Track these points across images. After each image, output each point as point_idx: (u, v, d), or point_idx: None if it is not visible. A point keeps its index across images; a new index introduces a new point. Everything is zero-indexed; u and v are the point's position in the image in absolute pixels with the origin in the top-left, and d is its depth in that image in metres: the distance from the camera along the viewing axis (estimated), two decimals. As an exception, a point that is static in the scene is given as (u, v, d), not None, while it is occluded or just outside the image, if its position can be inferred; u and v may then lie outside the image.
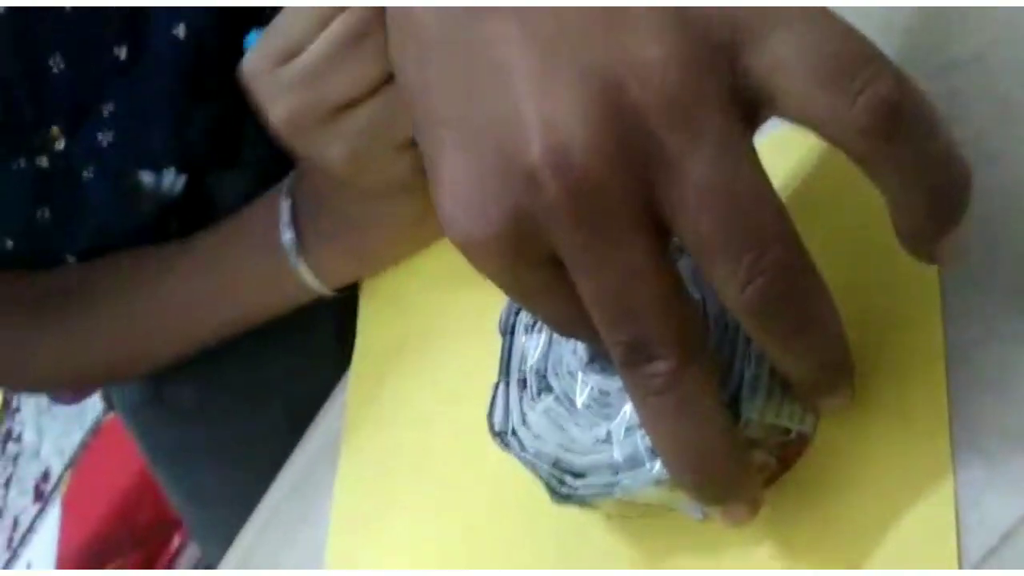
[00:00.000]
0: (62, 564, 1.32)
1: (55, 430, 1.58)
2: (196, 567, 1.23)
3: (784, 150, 0.32)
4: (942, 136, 0.23)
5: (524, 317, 0.33)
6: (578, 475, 0.30)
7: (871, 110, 0.22)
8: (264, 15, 0.56)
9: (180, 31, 0.51)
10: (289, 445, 0.50)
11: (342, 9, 0.38)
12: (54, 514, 1.41)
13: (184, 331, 0.54)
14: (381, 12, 0.36)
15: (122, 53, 0.50)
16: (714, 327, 0.28)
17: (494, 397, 0.33)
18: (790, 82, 0.22)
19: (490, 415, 0.32)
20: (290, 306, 0.50)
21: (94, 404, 1.49)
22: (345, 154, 0.39)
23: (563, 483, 0.30)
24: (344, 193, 0.44)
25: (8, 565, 1.43)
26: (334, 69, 0.37)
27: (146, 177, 0.54)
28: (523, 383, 0.32)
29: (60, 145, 0.51)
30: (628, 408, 0.29)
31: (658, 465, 0.28)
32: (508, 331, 0.33)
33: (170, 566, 1.24)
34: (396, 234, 0.46)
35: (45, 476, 1.54)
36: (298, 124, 0.39)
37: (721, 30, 0.22)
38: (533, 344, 0.32)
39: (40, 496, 1.50)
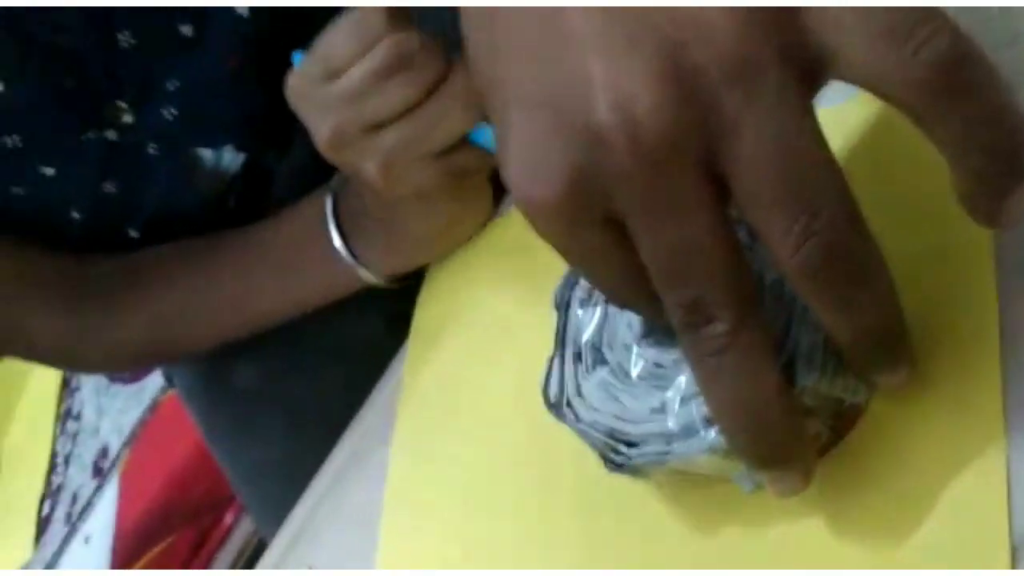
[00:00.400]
0: (119, 537, 1.35)
1: (114, 408, 1.61)
2: (249, 542, 1.26)
3: (837, 124, 0.32)
4: (1003, 93, 0.22)
5: (579, 292, 0.34)
6: (632, 444, 0.30)
7: (931, 64, 0.22)
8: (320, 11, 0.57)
9: (243, 10, 0.52)
10: (345, 422, 0.51)
11: (384, 33, 0.40)
12: (112, 489, 1.45)
13: (249, 314, 0.56)
14: (421, 43, 0.40)
15: (187, 30, 0.52)
16: (769, 296, 0.28)
17: (549, 369, 0.33)
18: (849, 39, 0.22)
19: (545, 387, 0.33)
20: (349, 291, 0.52)
21: (153, 382, 1.52)
22: (378, 166, 0.42)
23: (617, 452, 0.30)
24: (380, 200, 0.46)
25: (68, 538, 1.47)
26: (374, 91, 0.40)
27: (206, 154, 0.56)
28: (578, 356, 0.33)
29: (128, 119, 0.53)
30: (683, 379, 0.29)
31: (712, 433, 0.28)
32: (563, 306, 0.34)
33: (223, 541, 1.27)
34: (430, 237, 0.48)
35: (104, 453, 1.57)
36: (339, 140, 0.42)
37: None
38: (588, 318, 0.33)
39: (99, 472, 1.53)
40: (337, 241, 0.49)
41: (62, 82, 0.50)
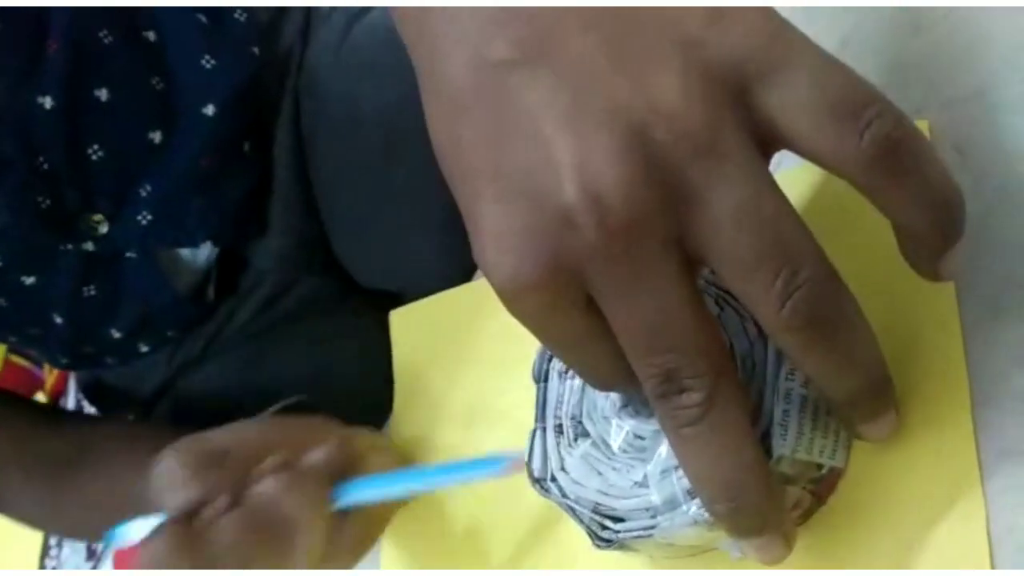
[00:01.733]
0: (117, 620, 1.33)
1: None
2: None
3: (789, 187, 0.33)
4: (939, 168, 0.24)
5: (557, 364, 0.34)
6: (618, 519, 0.30)
7: (876, 145, 0.23)
8: (279, 97, 0.57)
9: (209, 110, 0.53)
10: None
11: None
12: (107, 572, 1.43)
13: None
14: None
15: (156, 137, 0.52)
16: (741, 368, 0.29)
17: (532, 443, 0.33)
18: (798, 120, 0.23)
19: (529, 461, 0.33)
20: None
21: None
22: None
23: (604, 527, 0.30)
24: None
25: (64, 624, 1.45)
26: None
27: (184, 253, 0.56)
28: (559, 429, 0.33)
29: (103, 229, 0.53)
30: (662, 451, 0.29)
31: (695, 506, 0.28)
32: (542, 378, 0.34)
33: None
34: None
35: (96, 534, 1.55)
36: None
37: (729, 72, 0.24)
38: (567, 389, 0.33)
39: (92, 555, 1.51)
40: None
41: (38, 202, 0.50)
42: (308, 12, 0.61)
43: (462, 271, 0.48)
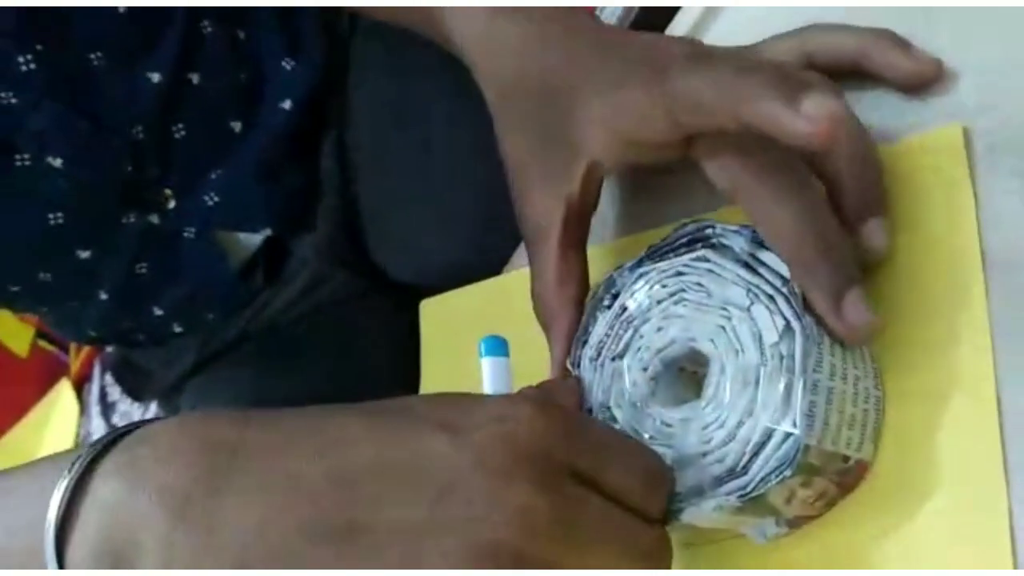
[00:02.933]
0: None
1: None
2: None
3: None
4: None
5: (588, 351, 0.34)
6: (645, 502, 0.30)
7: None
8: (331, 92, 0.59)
9: (287, 104, 0.55)
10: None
11: None
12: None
13: None
14: None
15: (236, 125, 0.54)
16: (771, 357, 0.29)
17: (562, 430, 0.34)
18: None
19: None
20: None
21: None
22: None
23: (631, 510, 0.31)
24: None
25: None
26: None
27: (239, 236, 0.58)
28: (590, 414, 0.33)
29: (171, 204, 0.55)
30: (689, 439, 0.30)
31: (721, 493, 0.28)
32: (575, 364, 0.34)
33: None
34: None
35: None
36: None
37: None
38: (598, 377, 0.33)
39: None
40: None
41: (121, 167, 0.52)
42: None
43: (492, 265, 0.49)
